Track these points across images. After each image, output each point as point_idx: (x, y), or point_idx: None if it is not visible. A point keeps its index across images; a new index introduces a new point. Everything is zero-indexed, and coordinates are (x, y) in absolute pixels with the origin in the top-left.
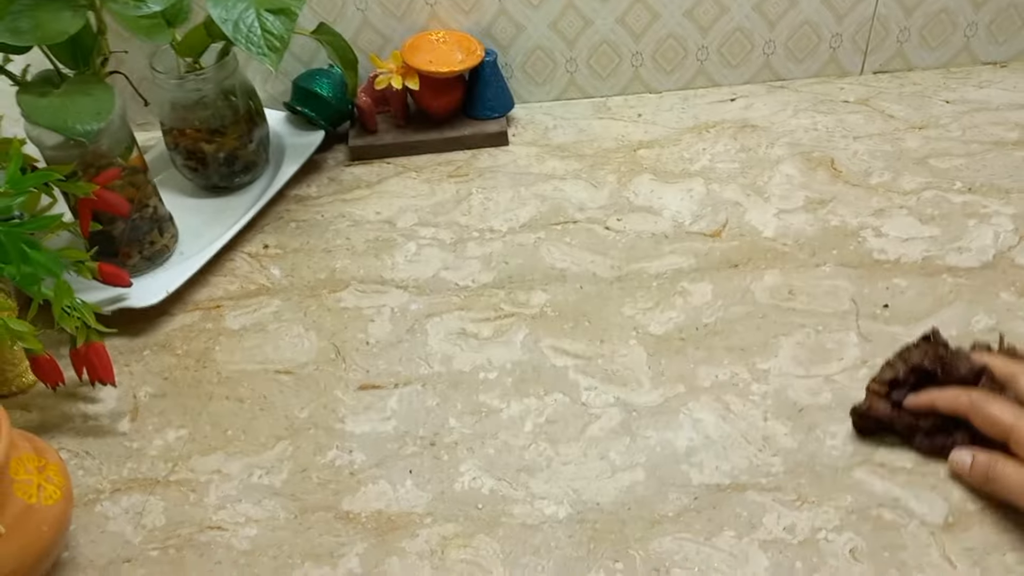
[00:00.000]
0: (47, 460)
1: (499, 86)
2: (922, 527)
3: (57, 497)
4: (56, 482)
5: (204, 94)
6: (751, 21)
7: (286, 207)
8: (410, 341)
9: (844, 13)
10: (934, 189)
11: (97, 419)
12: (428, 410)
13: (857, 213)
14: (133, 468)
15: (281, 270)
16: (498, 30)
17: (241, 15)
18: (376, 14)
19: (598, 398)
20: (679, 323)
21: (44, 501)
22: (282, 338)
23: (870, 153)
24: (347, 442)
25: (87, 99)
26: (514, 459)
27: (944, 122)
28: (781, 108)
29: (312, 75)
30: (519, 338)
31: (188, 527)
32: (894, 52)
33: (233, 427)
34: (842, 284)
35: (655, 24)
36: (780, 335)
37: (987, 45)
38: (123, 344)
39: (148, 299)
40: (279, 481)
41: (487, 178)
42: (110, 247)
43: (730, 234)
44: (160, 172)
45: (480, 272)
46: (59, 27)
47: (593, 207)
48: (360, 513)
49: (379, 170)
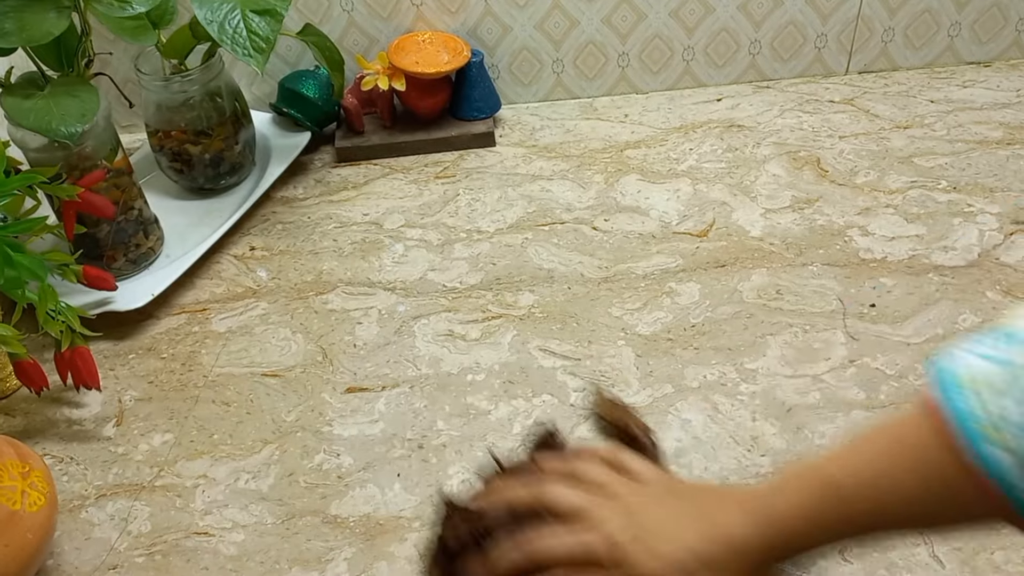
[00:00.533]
0: (31, 466)
1: (486, 87)
2: None
3: (41, 503)
4: (40, 488)
5: (190, 96)
6: (737, 21)
7: (272, 209)
8: (397, 343)
9: (829, 13)
10: (919, 188)
11: (82, 424)
12: (416, 412)
13: (843, 212)
14: (118, 473)
15: (268, 272)
16: (484, 31)
17: (227, 16)
18: (362, 15)
19: (586, 399)
20: (667, 323)
21: (28, 508)
22: (269, 341)
23: (856, 152)
24: (334, 445)
25: (72, 101)
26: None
27: (929, 121)
28: (767, 108)
29: (298, 76)
30: (507, 339)
31: (174, 533)
32: (879, 52)
33: (219, 431)
34: (829, 283)
35: (641, 24)
36: (768, 335)
37: (971, 45)
38: (108, 348)
39: (133, 302)
40: (266, 486)
41: (474, 179)
42: (95, 250)
43: (717, 234)
44: (145, 174)
45: (467, 273)
46: (44, 29)
47: (580, 208)
48: (348, 517)
49: (366, 171)
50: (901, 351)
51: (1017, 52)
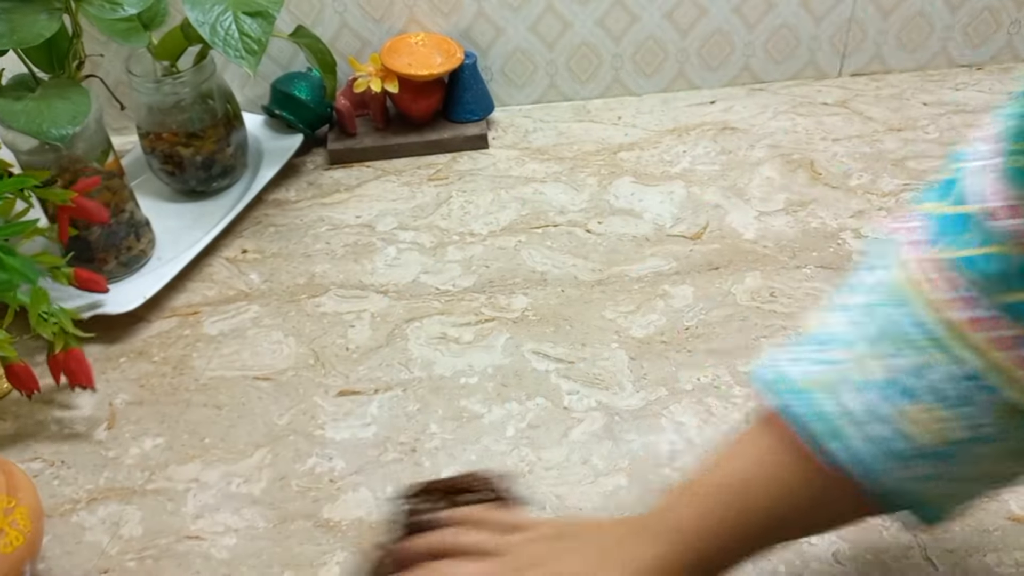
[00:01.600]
0: (18, 501)
1: (479, 89)
2: (904, 529)
3: (18, 543)
4: (21, 527)
5: (181, 98)
6: (730, 24)
7: (264, 211)
8: (390, 346)
9: (822, 16)
10: (913, 191)
11: (73, 427)
12: (409, 416)
13: (837, 215)
14: (110, 477)
15: (260, 275)
16: (477, 33)
17: (218, 18)
18: (355, 16)
19: (580, 402)
20: (661, 326)
21: (2, 549)
22: (261, 344)
23: (849, 155)
24: (327, 449)
25: (63, 103)
26: (496, 465)
27: (922, 124)
28: (760, 110)
29: (290, 78)
30: (500, 342)
31: (166, 537)
32: (872, 55)
33: (211, 435)
34: (823, 286)
35: (634, 27)
36: (762, 337)
37: (963, 48)
38: (99, 351)
39: (125, 305)
40: (258, 489)
41: (467, 181)
42: (86, 252)
43: (711, 236)
44: (137, 176)
45: (461, 276)
46: (35, 30)
47: (574, 210)
48: (341, 521)
49: (358, 173)
50: None
51: (1009, 55)
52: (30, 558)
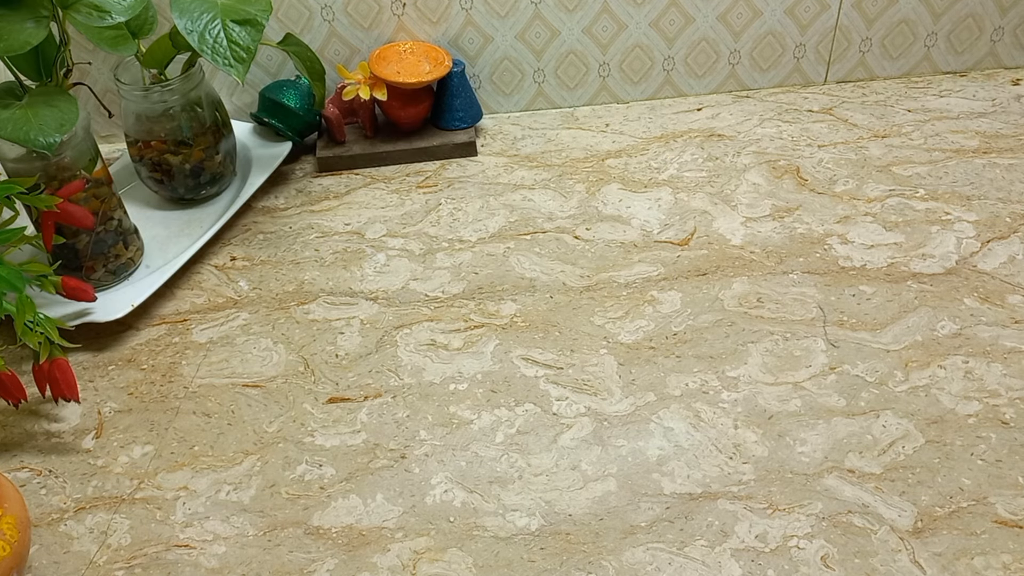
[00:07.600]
0: (3, 510)
1: (467, 96)
2: (892, 533)
3: (4, 553)
4: (8, 537)
5: (170, 106)
6: (717, 32)
7: (253, 219)
8: (379, 353)
9: (807, 24)
10: (897, 196)
11: (60, 436)
12: (398, 422)
13: (823, 221)
14: (98, 486)
15: (249, 282)
16: (466, 41)
17: (207, 26)
18: (343, 25)
19: (569, 408)
20: (649, 332)
21: None
22: (250, 351)
23: (835, 161)
24: (316, 456)
25: (50, 111)
26: (485, 471)
27: (906, 130)
28: (747, 117)
29: (279, 86)
30: (489, 349)
31: (155, 545)
32: (856, 62)
33: (200, 443)
34: (809, 291)
35: (621, 35)
36: (749, 343)
37: (947, 55)
38: (87, 359)
39: (113, 313)
40: (247, 497)
41: (456, 188)
42: (74, 261)
43: (698, 242)
44: (125, 184)
45: (450, 283)
46: (22, 39)
47: (562, 217)
48: (330, 528)
49: (347, 181)
50: (880, 358)
51: (992, 62)
52: (17, 568)
